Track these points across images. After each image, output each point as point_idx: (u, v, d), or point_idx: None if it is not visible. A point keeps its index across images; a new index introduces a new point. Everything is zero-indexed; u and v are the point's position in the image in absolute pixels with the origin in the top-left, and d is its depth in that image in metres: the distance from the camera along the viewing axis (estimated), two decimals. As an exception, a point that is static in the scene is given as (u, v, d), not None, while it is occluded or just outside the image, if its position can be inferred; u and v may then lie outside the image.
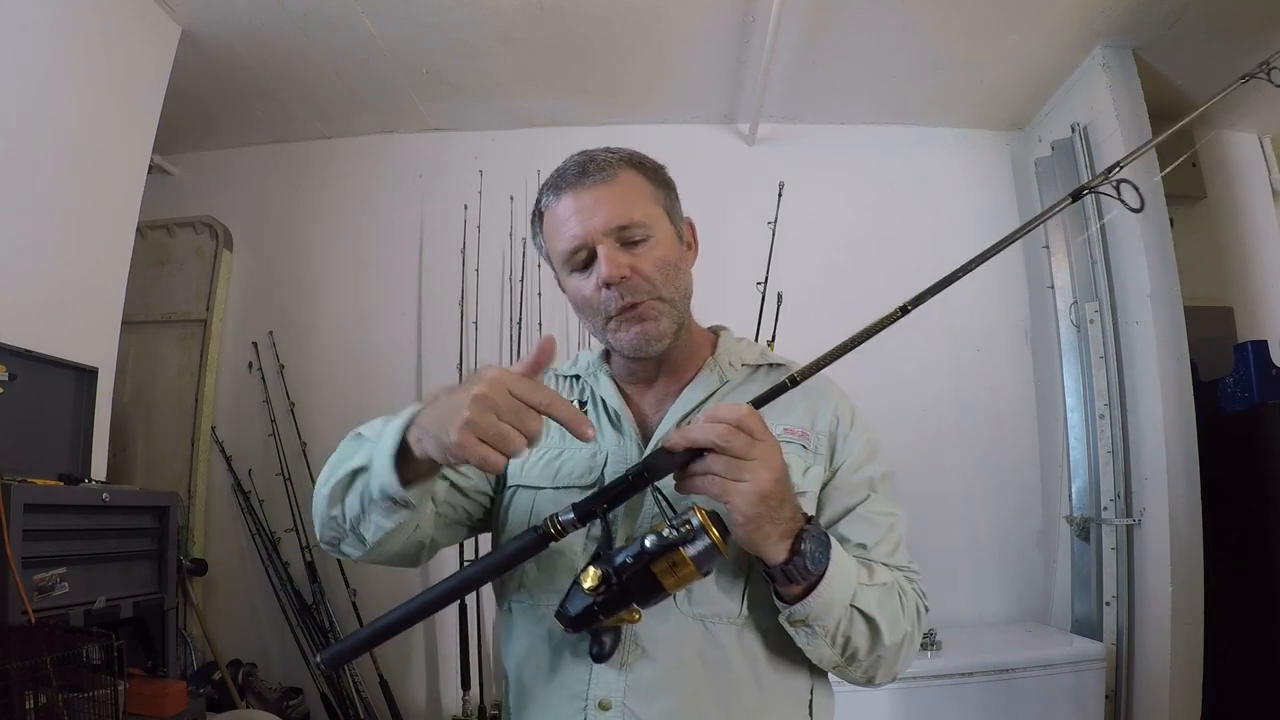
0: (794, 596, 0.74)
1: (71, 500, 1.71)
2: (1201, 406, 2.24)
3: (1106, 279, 2.41)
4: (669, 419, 0.87)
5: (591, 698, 0.78)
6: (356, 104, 2.83)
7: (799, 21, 2.33)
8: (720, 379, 0.90)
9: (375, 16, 2.32)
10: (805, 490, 0.83)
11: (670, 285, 0.85)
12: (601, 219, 0.83)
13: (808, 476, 0.84)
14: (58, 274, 1.92)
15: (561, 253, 0.86)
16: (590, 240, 0.83)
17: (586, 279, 0.84)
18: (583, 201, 0.84)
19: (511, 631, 0.88)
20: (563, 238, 0.85)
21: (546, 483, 0.87)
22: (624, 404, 0.90)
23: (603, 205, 0.83)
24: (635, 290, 0.83)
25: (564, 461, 0.87)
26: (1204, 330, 2.45)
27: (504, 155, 2.91)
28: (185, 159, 3.06)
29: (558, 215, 0.86)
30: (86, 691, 1.48)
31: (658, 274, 0.84)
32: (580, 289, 0.85)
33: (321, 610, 2.62)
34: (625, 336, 0.84)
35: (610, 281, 0.81)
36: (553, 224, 0.87)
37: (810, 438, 0.87)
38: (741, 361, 0.92)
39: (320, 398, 2.83)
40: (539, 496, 0.86)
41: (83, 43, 2.01)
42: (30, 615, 1.45)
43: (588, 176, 0.85)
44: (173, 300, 2.88)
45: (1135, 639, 2.25)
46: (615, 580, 0.68)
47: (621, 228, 0.83)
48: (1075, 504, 2.47)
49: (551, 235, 0.87)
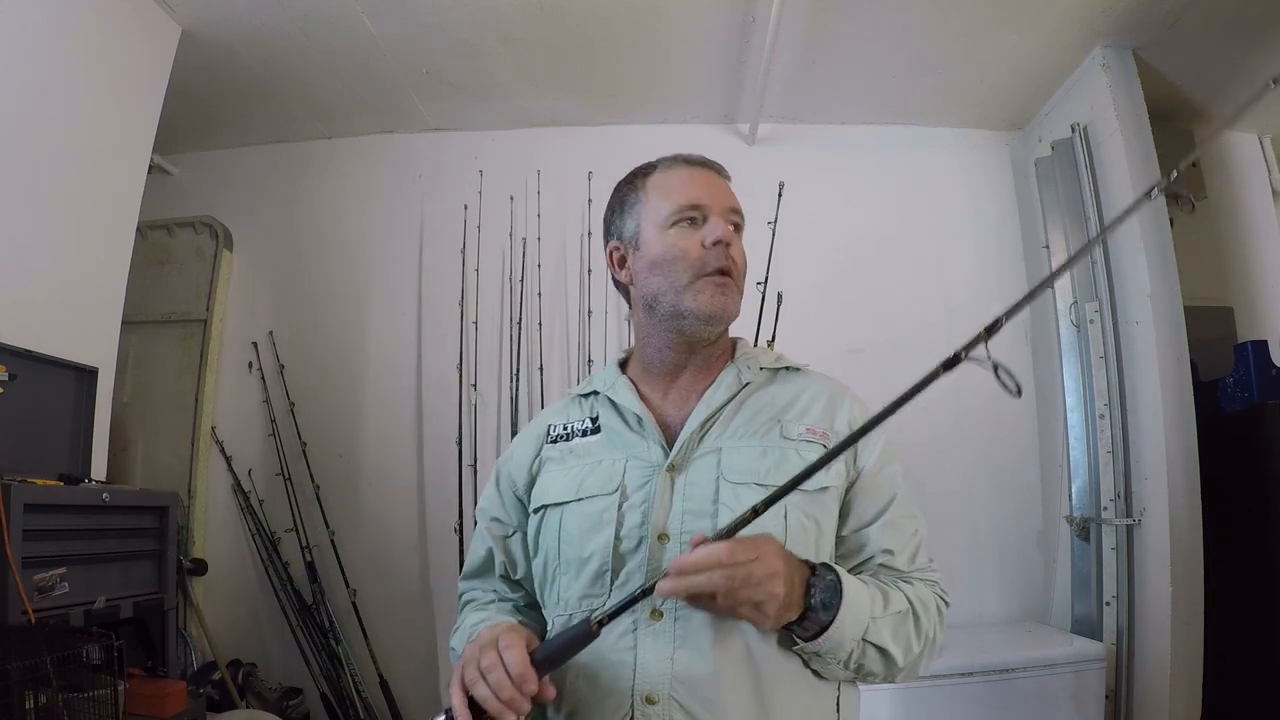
0: (805, 636, 0.78)
1: (71, 500, 1.71)
2: (1201, 406, 2.24)
3: (1106, 279, 2.41)
4: (693, 420, 0.90)
5: (637, 693, 0.80)
6: (356, 104, 2.83)
7: (799, 21, 2.33)
8: (740, 380, 0.93)
9: (375, 16, 2.32)
10: (829, 485, 0.86)
11: (743, 280, 0.94)
12: (725, 198, 0.94)
13: (831, 473, 0.87)
14: (58, 274, 1.92)
15: (676, 204, 0.92)
16: (711, 205, 0.92)
17: (692, 234, 0.91)
18: (710, 178, 0.95)
19: None
20: (685, 193, 0.92)
21: (570, 496, 0.89)
22: (645, 408, 0.92)
23: (725, 189, 0.95)
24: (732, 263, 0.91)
25: (587, 475, 0.90)
26: (1204, 330, 2.45)
27: (504, 155, 2.92)
28: (185, 159, 3.06)
29: (681, 176, 0.94)
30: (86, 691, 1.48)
31: (742, 264, 0.94)
32: (680, 241, 0.91)
33: (321, 610, 2.62)
34: (707, 297, 0.90)
35: (722, 239, 0.89)
36: (671, 181, 0.94)
37: (830, 437, 0.90)
38: (760, 365, 0.96)
39: (320, 398, 2.84)
40: (565, 511, 0.89)
41: (83, 43, 2.01)
42: (30, 615, 1.45)
43: (712, 165, 0.97)
44: (173, 300, 2.88)
45: (1135, 639, 2.25)
46: None
47: (735, 210, 0.94)
48: (1075, 504, 2.47)
49: (665, 189, 0.94)
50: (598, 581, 0.84)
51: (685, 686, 0.79)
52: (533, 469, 0.96)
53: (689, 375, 0.94)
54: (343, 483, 2.77)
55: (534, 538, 0.93)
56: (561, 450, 0.94)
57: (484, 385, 2.75)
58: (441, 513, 2.65)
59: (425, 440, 2.78)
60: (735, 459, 0.86)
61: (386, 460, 2.79)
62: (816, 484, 0.83)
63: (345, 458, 2.80)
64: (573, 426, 0.96)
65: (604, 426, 0.93)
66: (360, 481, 2.78)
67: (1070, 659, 2.18)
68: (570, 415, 0.98)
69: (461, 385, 2.71)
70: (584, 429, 0.94)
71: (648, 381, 0.96)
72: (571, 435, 0.95)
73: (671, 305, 0.91)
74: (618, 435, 0.92)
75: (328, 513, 2.70)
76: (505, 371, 2.74)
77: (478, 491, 2.57)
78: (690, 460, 0.87)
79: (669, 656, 0.80)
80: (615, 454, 0.90)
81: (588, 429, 0.94)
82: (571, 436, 0.95)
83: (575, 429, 0.95)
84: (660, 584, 0.72)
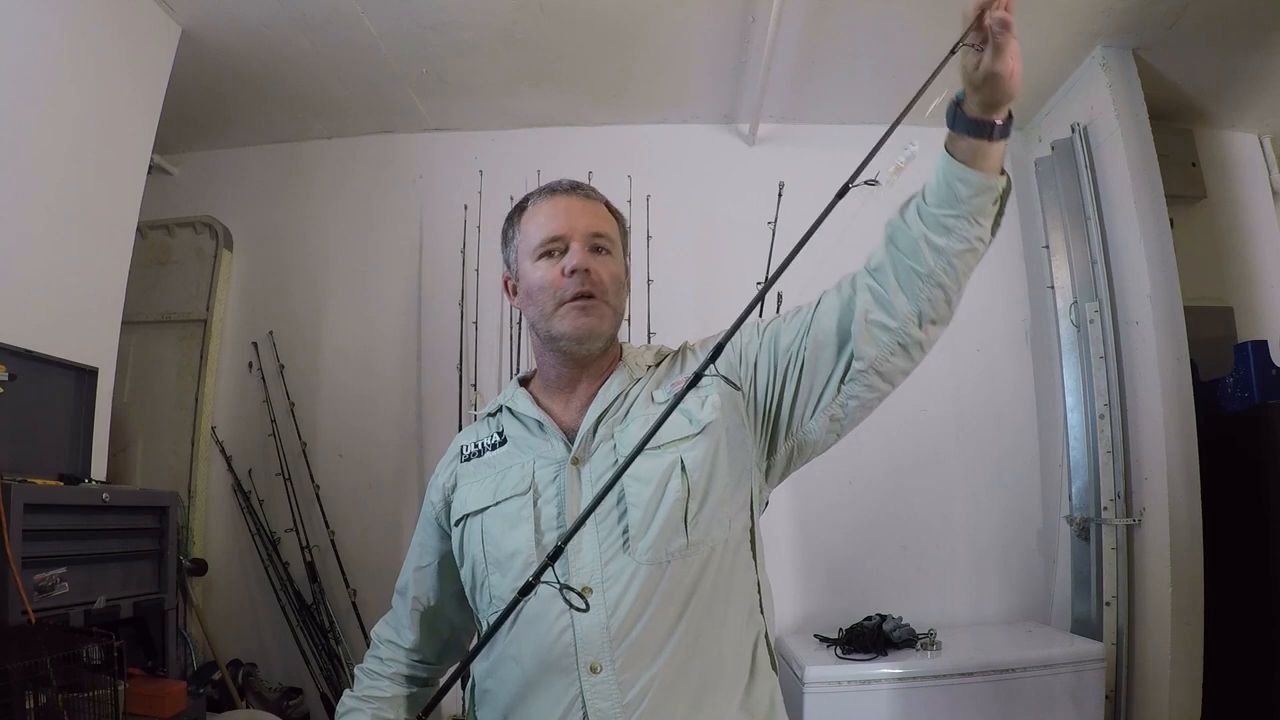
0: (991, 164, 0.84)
1: (71, 500, 1.71)
2: (1201, 406, 2.24)
3: (1106, 279, 2.41)
4: (589, 416, 0.96)
5: (582, 664, 0.84)
6: (356, 104, 2.83)
7: (799, 21, 2.33)
8: (631, 378, 0.99)
9: (375, 16, 2.32)
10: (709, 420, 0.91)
11: (616, 297, 0.99)
12: (584, 223, 0.98)
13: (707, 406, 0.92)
14: (58, 274, 1.92)
15: (539, 239, 0.98)
16: (569, 235, 0.96)
17: (552, 266, 0.96)
18: (572, 206, 1.00)
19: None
20: (545, 227, 0.98)
21: (488, 502, 0.96)
22: (542, 412, 0.99)
23: (586, 214, 0.99)
24: (594, 285, 0.95)
25: (500, 481, 0.97)
26: (1204, 330, 2.45)
27: (504, 155, 2.91)
28: (185, 159, 3.06)
29: (544, 210, 1.00)
30: (86, 691, 1.48)
31: (611, 283, 0.97)
32: (543, 273, 0.97)
33: (321, 610, 2.62)
34: (570, 322, 0.95)
35: (578, 268, 0.94)
36: (536, 216, 1.00)
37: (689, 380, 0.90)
38: (646, 363, 1.02)
39: (320, 398, 2.84)
40: (485, 517, 0.95)
41: (83, 43, 2.01)
42: (30, 615, 1.44)
43: (578, 191, 1.02)
44: (173, 300, 2.88)
45: (1135, 639, 2.25)
46: None
47: (596, 234, 0.98)
48: (1075, 504, 2.47)
49: (531, 225, 1.00)
50: (525, 574, 0.87)
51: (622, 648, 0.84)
52: (447, 490, 1.03)
53: (584, 385, 1.00)
54: (343, 483, 2.77)
55: (459, 549, 0.99)
56: (475, 465, 1.01)
57: (484, 385, 2.75)
58: (441, 513, 2.65)
59: (425, 440, 2.78)
60: (627, 438, 0.92)
61: (387, 460, 2.79)
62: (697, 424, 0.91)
63: (345, 458, 2.80)
64: (482, 443, 1.03)
65: (510, 436, 1.00)
66: (360, 481, 2.78)
67: (1070, 659, 2.18)
68: (480, 434, 1.05)
69: (461, 385, 2.71)
70: (492, 443, 1.01)
71: (548, 396, 1.02)
72: (482, 450, 1.02)
73: (546, 330, 0.97)
74: (523, 441, 0.99)
75: (328, 513, 2.70)
76: (505, 371, 2.74)
77: (478, 491, 2.58)
78: (591, 452, 0.93)
79: (604, 625, 0.85)
80: (523, 457, 0.97)
81: (495, 442, 1.01)
82: (483, 452, 1.02)
83: (485, 444, 1.02)
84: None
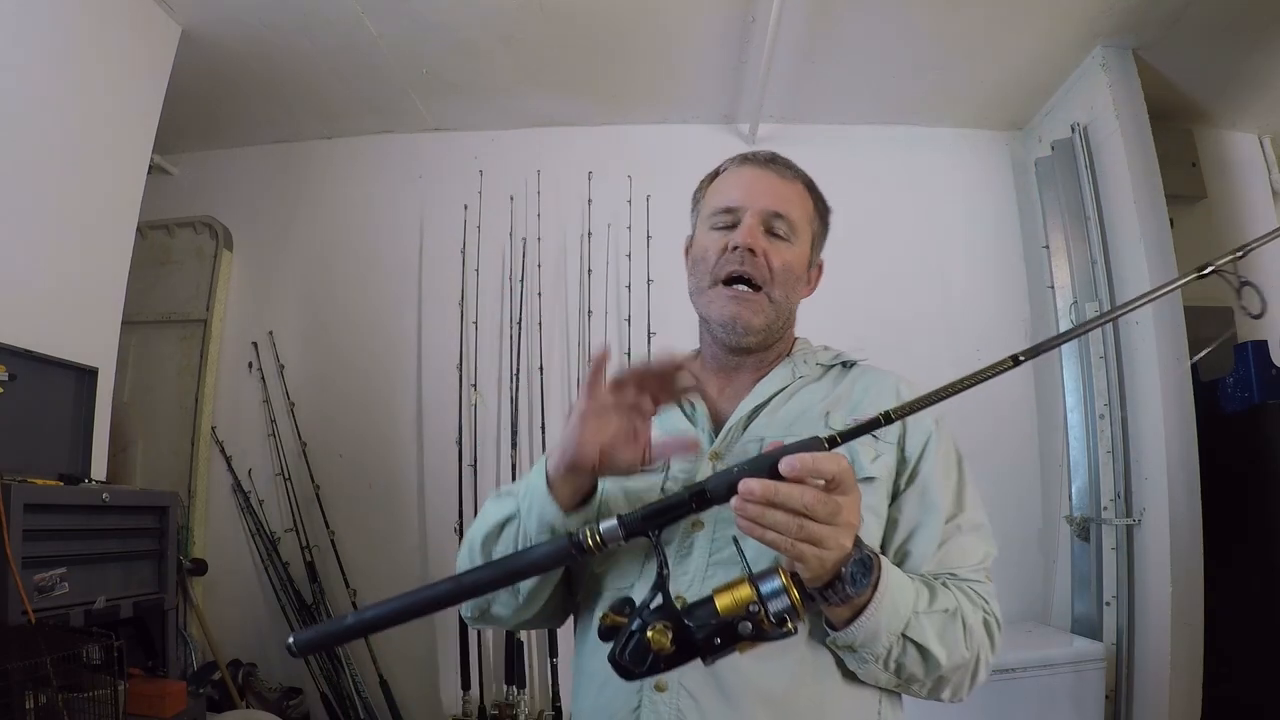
0: (840, 620, 0.71)
1: (71, 500, 1.71)
2: (1201, 406, 2.24)
3: (1106, 279, 2.41)
4: (741, 409, 0.88)
5: (647, 680, 0.75)
6: (356, 104, 2.83)
7: (799, 21, 2.33)
8: (794, 374, 0.92)
9: (375, 16, 2.32)
10: (875, 476, 0.82)
11: (783, 289, 0.89)
12: (765, 200, 0.90)
13: (877, 464, 0.83)
14: (58, 274, 1.92)
15: (715, 206, 0.92)
16: (743, 208, 0.89)
17: (720, 236, 0.89)
18: (758, 178, 0.92)
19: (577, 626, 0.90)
20: (724, 194, 0.92)
21: None
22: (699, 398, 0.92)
23: (771, 191, 0.91)
24: (756, 269, 0.87)
25: None
26: (1204, 330, 2.45)
27: (504, 155, 2.92)
28: (185, 159, 3.06)
29: (731, 177, 0.94)
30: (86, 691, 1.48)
31: (780, 271, 0.88)
32: (708, 242, 0.90)
33: (321, 610, 2.62)
34: (717, 308, 0.88)
35: (740, 245, 0.86)
36: (723, 182, 0.95)
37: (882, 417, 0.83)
38: (817, 361, 0.95)
39: (320, 398, 2.84)
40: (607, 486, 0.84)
41: (83, 43, 2.01)
42: (30, 615, 1.45)
43: (774, 165, 0.94)
44: (173, 300, 2.88)
45: (1135, 639, 2.25)
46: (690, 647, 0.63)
47: (775, 214, 0.89)
48: (1075, 504, 2.47)
49: (715, 190, 0.95)
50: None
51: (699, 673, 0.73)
52: None
53: (745, 374, 0.93)
54: (343, 483, 2.77)
55: None
56: None
57: (484, 385, 2.75)
58: (441, 513, 2.65)
59: (425, 440, 2.78)
60: None
61: (386, 460, 2.79)
62: (862, 472, 0.79)
63: (345, 458, 2.80)
64: None
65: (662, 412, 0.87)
66: (360, 481, 2.78)
67: (1070, 659, 2.18)
68: None
69: (461, 385, 2.71)
70: None
71: (706, 378, 0.95)
72: None
73: (696, 306, 0.92)
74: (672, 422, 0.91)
75: (328, 513, 2.70)
76: (505, 371, 2.74)
77: (478, 491, 2.58)
78: (733, 448, 0.85)
79: None
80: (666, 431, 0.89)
81: None
82: None
83: None
84: (745, 482, 0.61)
